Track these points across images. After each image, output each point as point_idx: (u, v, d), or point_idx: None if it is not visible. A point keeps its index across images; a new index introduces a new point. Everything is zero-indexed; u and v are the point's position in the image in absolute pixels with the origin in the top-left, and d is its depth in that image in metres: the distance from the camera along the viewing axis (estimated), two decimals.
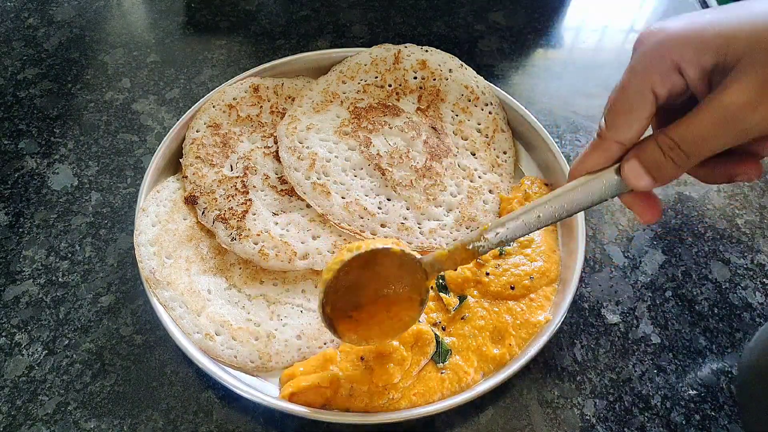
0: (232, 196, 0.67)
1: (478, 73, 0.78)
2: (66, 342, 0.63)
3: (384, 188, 0.68)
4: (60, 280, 0.67)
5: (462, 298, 0.61)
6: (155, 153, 0.70)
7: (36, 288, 0.67)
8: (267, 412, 0.58)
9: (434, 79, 0.77)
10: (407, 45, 0.79)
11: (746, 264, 0.69)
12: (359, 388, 0.55)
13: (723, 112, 0.35)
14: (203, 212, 0.66)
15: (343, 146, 0.70)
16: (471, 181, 0.71)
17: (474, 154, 0.74)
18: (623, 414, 0.59)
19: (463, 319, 0.60)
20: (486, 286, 0.61)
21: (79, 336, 0.63)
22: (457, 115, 0.76)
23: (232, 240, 0.63)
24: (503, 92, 0.76)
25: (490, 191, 0.71)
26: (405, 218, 0.67)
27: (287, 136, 0.70)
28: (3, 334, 0.63)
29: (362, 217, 0.66)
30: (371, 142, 0.70)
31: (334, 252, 0.64)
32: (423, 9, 0.98)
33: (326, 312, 0.50)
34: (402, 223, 0.66)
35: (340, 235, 0.65)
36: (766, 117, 0.34)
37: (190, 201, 0.67)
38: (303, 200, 0.67)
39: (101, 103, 0.84)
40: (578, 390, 0.60)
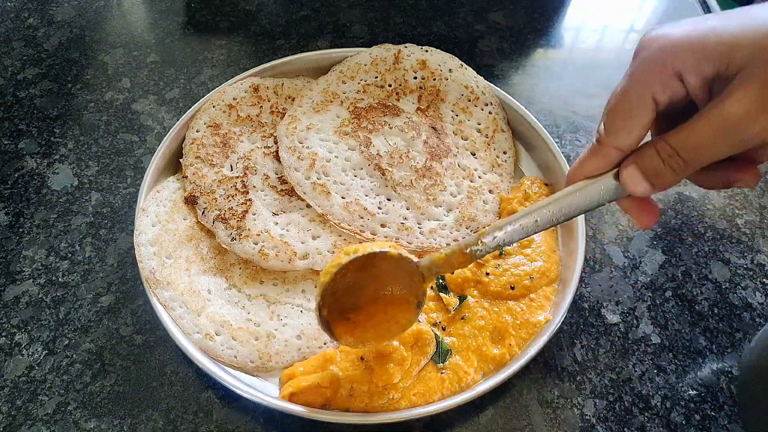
0: (232, 196, 0.67)
1: (478, 73, 0.78)
2: (66, 342, 0.63)
3: (384, 188, 0.68)
4: (60, 280, 0.67)
5: (462, 298, 0.61)
6: (155, 153, 0.70)
7: (36, 288, 0.67)
8: (267, 412, 0.58)
9: (434, 79, 0.77)
10: (407, 45, 0.79)
11: (746, 264, 0.69)
12: (359, 388, 0.55)
13: (723, 122, 0.35)
14: (203, 212, 0.66)
15: (343, 146, 0.70)
16: (471, 181, 0.71)
17: (474, 154, 0.74)
18: (623, 414, 0.59)
19: (463, 319, 0.60)
20: (486, 286, 0.61)
21: (79, 336, 0.63)
22: (457, 115, 0.76)
23: (232, 240, 0.63)
24: (503, 92, 0.76)
25: (490, 191, 0.71)
26: (405, 218, 0.67)
27: (287, 136, 0.70)
28: (3, 334, 0.63)
29: (362, 217, 0.66)
30: (371, 142, 0.70)
31: (334, 252, 0.64)
32: (423, 9, 0.98)
33: (323, 314, 0.50)
34: (402, 223, 0.66)
35: (340, 235, 0.65)
36: (766, 127, 0.34)
37: (190, 201, 0.67)
38: (303, 200, 0.67)
39: (101, 103, 0.84)
40: (578, 390, 0.60)
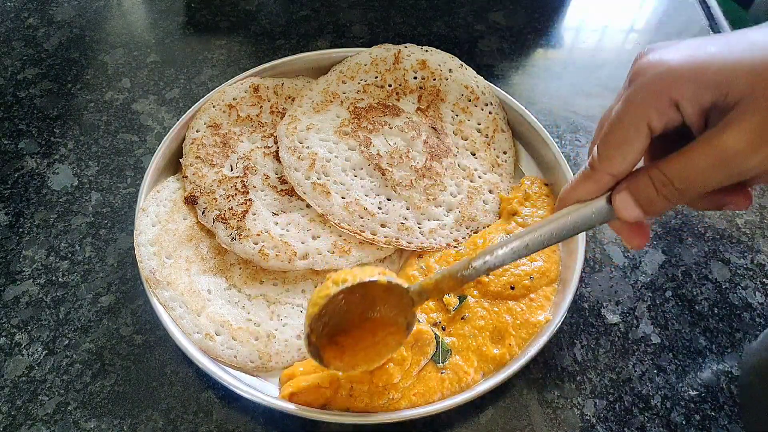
0: (232, 196, 0.67)
1: (478, 73, 0.78)
2: (66, 342, 0.63)
3: (384, 188, 0.68)
4: (60, 280, 0.67)
5: (462, 298, 0.61)
6: (155, 153, 0.70)
7: (36, 288, 0.67)
8: (267, 412, 0.58)
9: (434, 79, 0.77)
10: (407, 45, 0.79)
11: (746, 264, 0.69)
12: (359, 388, 0.55)
13: (720, 154, 0.34)
14: (203, 212, 0.66)
15: (343, 146, 0.70)
16: (471, 181, 0.71)
17: (474, 154, 0.74)
18: (623, 414, 0.59)
19: (463, 319, 0.60)
20: (486, 286, 0.61)
21: (79, 336, 0.63)
22: (457, 115, 0.76)
23: (232, 240, 0.63)
24: (503, 92, 0.76)
25: (490, 191, 0.71)
26: (405, 218, 0.67)
27: (287, 136, 0.70)
28: (3, 334, 0.63)
29: (362, 217, 0.66)
30: (371, 142, 0.70)
31: (334, 252, 0.64)
32: (423, 9, 0.98)
33: (312, 341, 0.50)
34: (402, 223, 0.66)
35: (340, 235, 0.65)
36: (762, 161, 0.34)
37: (190, 201, 0.67)
38: (303, 200, 0.67)
39: (101, 103, 0.84)
40: (578, 390, 0.60)
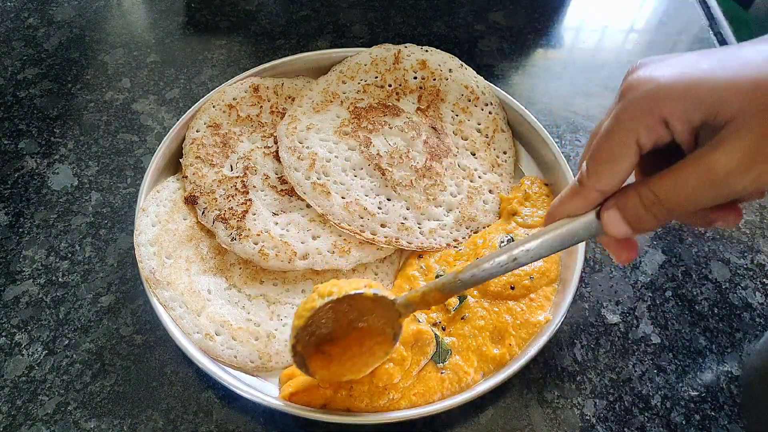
0: (232, 196, 0.67)
1: (478, 73, 0.78)
2: (66, 342, 0.63)
3: (384, 188, 0.68)
4: (60, 280, 0.67)
5: (462, 298, 0.61)
6: (155, 153, 0.70)
7: (36, 288, 0.67)
8: (267, 412, 0.58)
9: (434, 79, 0.77)
10: (407, 45, 0.79)
11: (746, 264, 0.69)
12: (359, 388, 0.55)
13: (710, 174, 0.34)
14: (203, 212, 0.66)
15: (343, 146, 0.70)
16: (471, 181, 0.71)
17: (474, 154, 0.74)
18: (623, 414, 0.59)
19: (463, 319, 0.60)
20: (486, 286, 0.61)
21: (79, 336, 0.63)
22: (457, 115, 0.76)
23: (232, 240, 0.63)
24: (503, 92, 0.76)
25: (490, 191, 0.71)
26: (405, 218, 0.67)
27: (287, 136, 0.70)
28: (3, 334, 0.63)
29: (362, 217, 0.66)
30: (371, 142, 0.71)
31: (334, 252, 0.64)
32: (423, 9, 0.98)
33: (297, 350, 0.50)
34: (402, 223, 0.66)
35: (340, 235, 0.65)
36: (753, 182, 0.33)
37: (190, 201, 0.67)
38: (303, 200, 0.67)
39: (101, 103, 0.84)
40: (578, 390, 0.60)
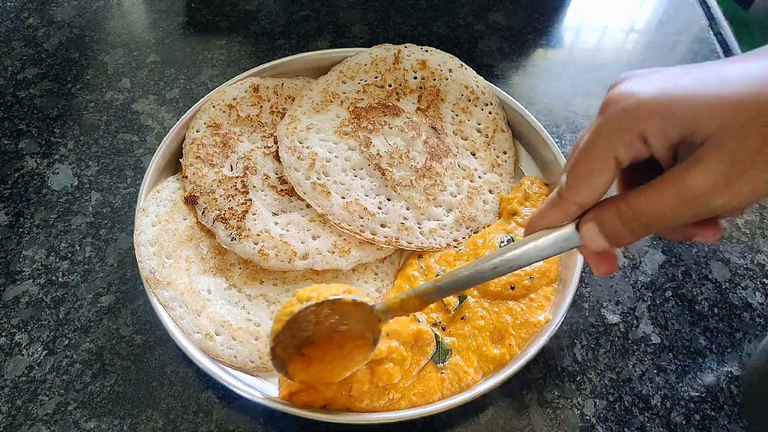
0: (232, 196, 0.67)
1: (478, 73, 0.78)
2: (66, 342, 0.63)
3: (384, 188, 0.68)
4: (60, 280, 0.67)
5: (462, 298, 0.61)
6: (155, 153, 0.70)
7: (36, 288, 0.67)
8: (267, 412, 0.58)
9: (434, 79, 0.77)
10: (407, 45, 0.79)
11: (746, 264, 0.69)
12: (359, 388, 0.55)
13: (687, 192, 0.34)
14: (203, 212, 0.66)
15: (343, 146, 0.70)
16: (471, 181, 0.71)
17: (474, 154, 0.74)
18: (623, 414, 0.59)
19: (463, 319, 0.60)
20: (486, 286, 0.61)
21: (79, 336, 0.63)
22: (457, 115, 0.76)
23: (232, 240, 0.63)
24: (503, 92, 0.76)
25: (490, 191, 0.71)
26: (405, 218, 0.67)
27: (287, 136, 0.70)
28: (3, 334, 0.63)
29: (362, 217, 0.66)
30: (371, 142, 0.71)
31: (334, 252, 0.64)
32: (423, 9, 0.98)
33: (277, 353, 0.50)
34: (402, 223, 0.66)
35: (340, 235, 0.65)
36: (729, 200, 0.33)
37: (190, 201, 0.67)
38: (303, 200, 0.67)
39: (101, 103, 0.84)
40: (578, 390, 0.60)
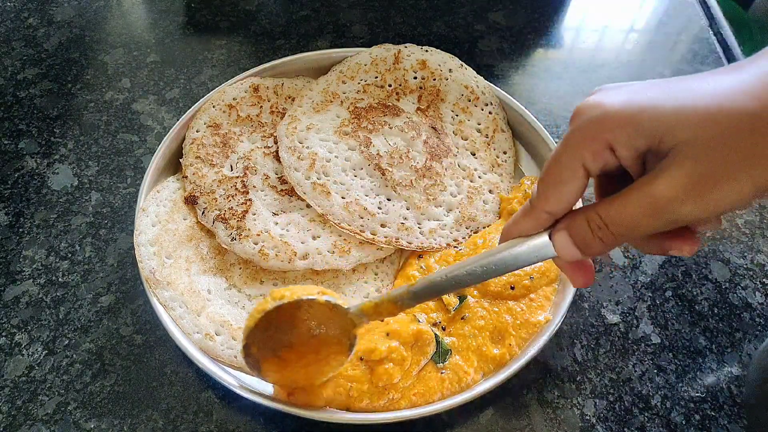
0: (232, 196, 0.67)
1: (478, 73, 0.78)
2: (66, 342, 0.63)
3: (384, 188, 0.68)
4: (60, 280, 0.67)
5: (462, 298, 0.61)
6: (155, 153, 0.70)
7: (36, 288, 0.67)
8: (267, 412, 0.58)
9: (434, 79, 0.77)
10: (407, 45, 0.79)
11: (746, 264, 0.69)
12: (359, 388, 0.55)
13: (652, 201, 0.34)
14: (203, 212, 0.66)
15: (343, 146, 0.70)
16: (471, 181, 0.71)
17: (474, 154, 0.74)
18: (623, 414, 0.59)
19: (463, 319, 0.60)
20: (486, 285, 0.61)
21: (79, 336, 0.63)
22: (457, 115, 0.76)
23: (232, 240, 0.63)
24: (503, 92, 0.76)
25: (490, 191, 0.71)
26: (405, 218, 0.67)
27: (287, 136, 0.70)
28: (3, 334, 0.63)
29: (362, 217, 0.66)
30: (371, 142, 0.71)
31: (334, 252, 0.64)
32: (423, 9, 0.98)
33: (252, 352, 0.50)
34: (402, 223, 0.66)
35: (340, 235, 0.65)
36: (695, 209, 0.34)
37: (190, 201, 0.67)
38: (303, 200, 0.67)
39: (101, 103, 0.84)
40: (578, 390, 0.60)
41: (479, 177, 0.72)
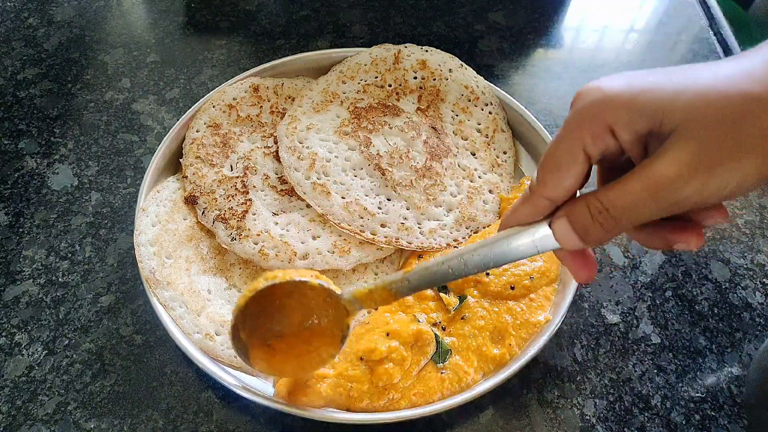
0: (232, 196, 0.67)
1: (478, 73, 0.78)
2: (66, 342, 0.63)
3: (384, 188, 0.68)
4: (60, 280, 0.67)
5: (462, 298, 0.61)
6: (155, 153, 0.70)
7: (36, 288, 0.67)
8: (267, 412, 0.58)
9: (434, 79, 0.77)
10: (407, 45, 0.79)
11: (746, 264, 0.69)
12: (359, 388, 0.55)
13: (653, 183, 0.34)
14: (203, 212, 0.66)
15: (343, 146, 0.70)
16: (471, 181, 0.71)
17: (474, 154, 0.74)
18: (623, 414, 0.59)
19: (463, 319, 0.60)
20: (486, 286, 0.61)
21: (79, 336, 0.63)
22: (457, 115, 0.76)
23: (232, 240, 0.63)
24: (503, 92, 0.76)
25: (490, 191, 0.71)
26: (405, 218, 0.67)
27: (287, 136, 0.70)
28: (3, 334, 0.63)
29: (362, 217, 0.66)
30: (371, 142, 0.71)
31: (334, 252, 0.64)
32: (423, 9, 0.98)
33: (240, 337, 0.49)
34: (402, 223, 0.66)
35: (340, 235, 0.65)
36: (697, 191, 0.33)
37: (190, 201, 0.67)
38: (303, 200, 0.67)
39: (101, 103, 0.84)
40: (578, 390, 0.60)
41: (479, 177, 0.72)
